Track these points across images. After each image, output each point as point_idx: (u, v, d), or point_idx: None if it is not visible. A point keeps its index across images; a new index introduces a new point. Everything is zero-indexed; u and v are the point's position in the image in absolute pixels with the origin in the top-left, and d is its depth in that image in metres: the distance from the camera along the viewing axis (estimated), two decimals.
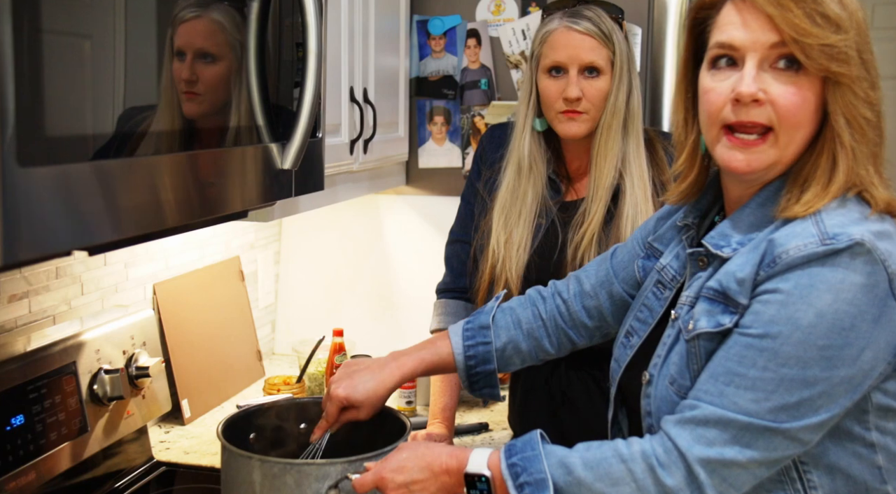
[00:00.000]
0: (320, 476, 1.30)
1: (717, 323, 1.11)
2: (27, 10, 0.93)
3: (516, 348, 1.49)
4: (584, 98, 1.71)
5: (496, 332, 1.49)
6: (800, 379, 1.04)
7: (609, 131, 1.73)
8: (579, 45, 1.71)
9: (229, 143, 1.35)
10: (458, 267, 1.92)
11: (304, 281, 2.57)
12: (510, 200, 1.78)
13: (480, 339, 1.48)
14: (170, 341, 1.97)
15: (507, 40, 2.40)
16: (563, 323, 1.49)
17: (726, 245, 1.15)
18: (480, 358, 1.48)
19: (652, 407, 1.20)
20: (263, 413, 1.55)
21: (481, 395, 1.51)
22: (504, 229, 1.77)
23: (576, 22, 1.71)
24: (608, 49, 1.71)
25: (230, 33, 1.34)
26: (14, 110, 0.92)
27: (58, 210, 1.00)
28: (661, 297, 1.28)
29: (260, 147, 1.42)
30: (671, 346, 1.19)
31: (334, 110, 1.91)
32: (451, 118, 2.45)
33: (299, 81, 1.44)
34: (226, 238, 2.28)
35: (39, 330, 1.64)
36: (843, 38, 1.06)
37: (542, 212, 1.78)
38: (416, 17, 2.43)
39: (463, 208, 1.94)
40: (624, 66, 1.73)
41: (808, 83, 1.08)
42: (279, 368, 2.40)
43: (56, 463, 1.52)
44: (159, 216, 1.19)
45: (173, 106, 1.22)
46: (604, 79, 1.72)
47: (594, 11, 1.72)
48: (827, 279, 1.03)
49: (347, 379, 1.46)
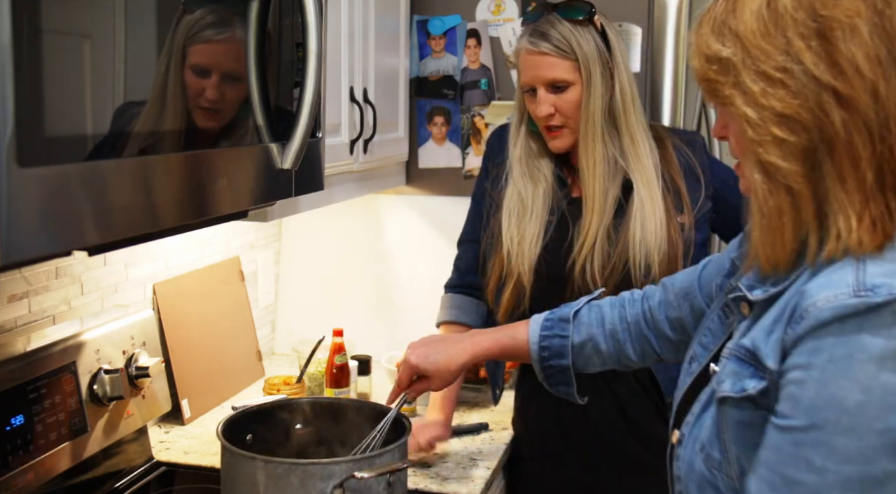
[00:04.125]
0: (325, 476, 1.30)
1: (742, 387, 0.97)
2: (27, 10, 0.93)
3: (596, 348, 1.41)
4: (557, 113, 1.72)
5: (576, 327, 1.42)
6: (868, 477, 0.87)
7: (586, 139, 1.72)
8: (540, 64, 1.72)
9: (229, 143, 1.35)
10: (466, 265, 1.93)
11: (304, 281, 2.57)
12: (519, 198, 1.78)
13: (558, 331, 1.42)
14: (170, 341, 1.97)
15: (507, 40, 2.40)
16: (646, 331, 1.39)
17: (759, 287, 1.00)
18: (555, 351, 1.42)
19: (681, 473, 1.07)
20: (262, 414, 1.55)
21: (558, 392, 1.46)
22: (516, 226, 1.77)
23: (535, 43, 1.71)
24: (570, 60, 1.70)
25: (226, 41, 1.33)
26: (14, 110, 0.92)
27: (58, 210, 1.00)
28: (724, 323, 1.13)
29: (260, 147, 1.42)
30: (706, 405, 1.05)
31: (334, 110, 1.91)
32: (451, 118, 2.45)
33: (299, 81, 1.43)
34: (226, 238, 2.28)
35: (39, 330, 1.64)
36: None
37: (553, 208, 1.78)
38: (416, 17, 2.42)
39: (472, 209, 1.95)
40: (594, 69, 1.70)
41: None
42: (279, 368, 2.40)
43: (56, 463, 1.52)
44: (159, 216, 1.19)
45: (173, 106, 1.22)
46: (573, 90, 1.71)
47: (554, 26, 1.71)
48: (866, 346, 0.86)
49: (422, 347, 1.47)
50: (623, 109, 1.73)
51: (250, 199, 1.43)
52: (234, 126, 1.36)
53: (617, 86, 1.72)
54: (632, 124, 1.73)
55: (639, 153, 1.73)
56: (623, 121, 1.73)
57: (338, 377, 2.06)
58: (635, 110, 1.75)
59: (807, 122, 0.91)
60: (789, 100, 0.91)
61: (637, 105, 1.75)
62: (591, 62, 1.70)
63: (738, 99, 0.95)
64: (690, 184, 1.77)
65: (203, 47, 1.25)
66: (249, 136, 1.39)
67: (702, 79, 1.00)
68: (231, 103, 1.35)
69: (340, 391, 2.05)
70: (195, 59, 1.24)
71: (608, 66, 1.72)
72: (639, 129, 1.74)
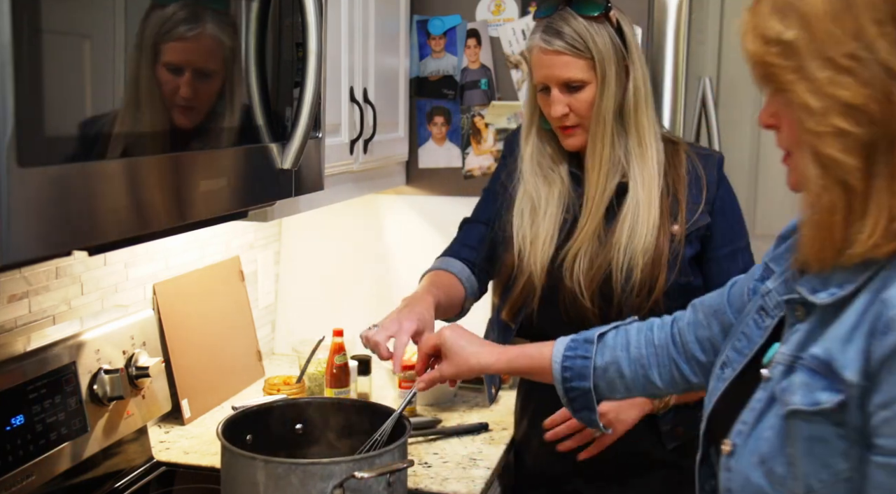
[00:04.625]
0: (325, 476, 1.30)
1: (815, 401, 0.90)
2: (27, 10, 0.93)
3: (619, 372, 1.35)
4: (572, 112, 1.67)
5: (600, 349, 1.36)
6: None
7: (595, 139, 1.67)
8: (554, 64, 1.65)
9: (229, 143, 1.35)
10: (464, 239, 1.88)
11: (304, 281, 2.57)
12: (529, 198, 1.74)
13: (581, 352, 1.36)
14: (170, 341, 1.97)
15: (507, 40, 2.40)
16: (675, 354, 1.33)
17: (823, 289, 0.93)
18: (577, 373, 1.36)
19: (733, 485, 1.01)
20: (262, 414, 1.55)
21: (581, 419, 1.40)
22: (528, 226, 1.72)
23: (548, 41, 1.65)
24: (585, 59, 1.64)
25: (226, 41, 1.33)
26: (14, 110, 0.92)
27: (58, 210, 1.00)
28: (761, 326, 1.09)
29: (260, 147, 1.42)
30: (761, 414, 0.99)
31: (334, 110, 1.91)
32: (451, 118, 2.45)
33: (299, 81, 1.43)
34: (226, 238, 2.28)
35: (39, 330, 1.64)
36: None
37: (569, 207, 1.73)
38: (416, 17, 2.42)
39: (484, 194, 1.91)
40: (609, 68, 1.64)
41: None
42: (279, 368, 2.40)
43: (56, 463, 1.52)
44: (159, 216, 1.19)
45: (173, 106, 1.22)
46: (588, 89, 1.66)
47: (568, 22, 1.64)
48: None
49: (459, 330, 1.47)
50: (634, 108, 1.67)
51: (250, 199, 1.43)
52: (235, 126, 1.36)
53: (631, 85, 1.67)
54: (642, 124, 1.68)
55: (644, 154, 1.68)
56: (633, 120, 1.68)
57: (338, 377, 2.06)
58: (647, 109, 1.69)
59: (874, 114, 0.85)
60: (858, 89, 0.85)
61: (650, 103, 1.70)
62: (606, 60, 1.64)
63: (800, 86, 0.88)
64: (692, 194, 1.70)
65: (181, 45, 1.23)
66: (249, 136, 1.39)
67: (757, 62, 0.93)
68: (231, 104, 1.35)
69: (340, 391, 2.05)
70: (175, 57, 1.23)
71: (623, 63, 1.66)
72: (648, 129, 1.69)
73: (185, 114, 1.25)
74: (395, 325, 1.57)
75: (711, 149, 1.77)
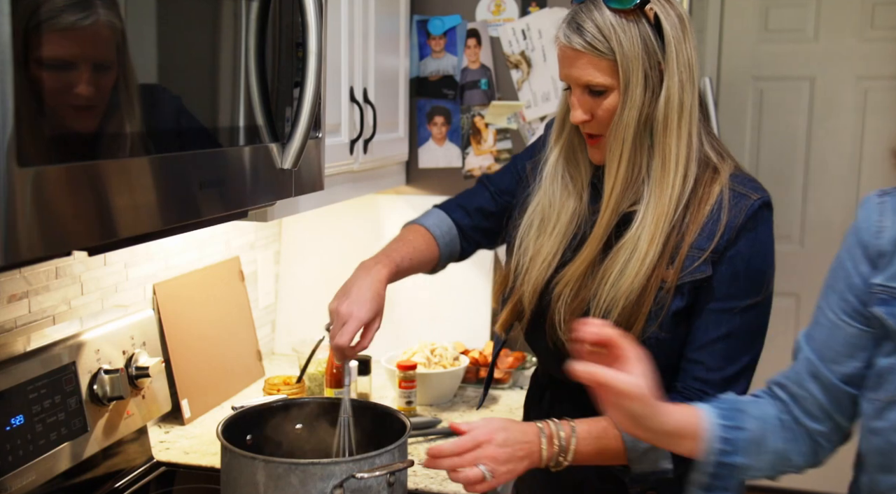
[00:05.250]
0: (325, 476, 1.30)
1: None
2: (27, 9, 0.93)
3: (762, 445, 1.24)
4: (594, 120, 1.44)
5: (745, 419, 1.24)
6: None
7: (613, 155, 1.43)
8: (574, 63, 1.42)
9: (229, 143, 1.35)
10: (469, 200, 1.73)
11: (304, 281, 2.57)
12: (542, 208, 1.55)
13: (738, 422, 1.23)
14: (170, 341, 1.97)
15: (507, 40, 2.40)
16: (799, 430, 1.24)
17: None
18: (738, 446, 1.23)
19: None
20: (261, 414, 1.55)
21: None
22: (533, 239, 1.54)
23: (568, 36, 1.41)
24: (608, 60, 1.39)
25: (226, 41, 1.33)
26: (14, 110, 0.92)
27: (58, 210, 1.00)
28: None
29: (260, 147, 1.42)
30: None
31: (334, 110, 1.91)
32: (451, 118, 2.45)
33: (299, 81, 1.44)
34: (226, 238, 2.28)
35: (39, 330, 1.64)
36: None
37: (581, 224, 1.52)
38: (416, 17, 2.43)
39: (510, 166, 1.73)
40: (635, 72, 1.38)
41: None
42: (279, 368, 2.40)
43: (56, 463, 1.52)
44: (159, 216, 1.19)
45: (173, 105, 1.22)
46: (613, 96, 1.41)
47: (592, 15, 1.39)
48: None
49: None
50: (664, 123, 1.40)
51: (250, 199, 1.43)
52: (235, 126, 1.36)
53: (663, 95, 1.40)
54: (668, 144, 1.41)
55: (664, 181, 1.42)
56: (661, 137, 1.41)
57: (338, 377, 2.06)
58: (680, 127, 1.41)
59: None
60: None
61: (686, 120, 1.41)
62: (631, 63, 1.38)
63: None
64: (700, 238, 1.42)
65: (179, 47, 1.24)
66: (249, 136, 1.39)
67: None
68: (230, 103, 1.35)
69: (340, 391, 2.05)
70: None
71: (658, 68, 1.39)
72: (676, 152, 1.41)
73: (185, 113, 1.25)
74: (351, 320, 1.47)
75: (759, 186, 1.46)
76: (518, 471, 1.37)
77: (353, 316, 1.47)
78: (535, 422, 1.41)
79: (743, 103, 3.86)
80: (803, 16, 3.73)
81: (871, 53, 3.67)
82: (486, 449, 1.33)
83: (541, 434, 1.39)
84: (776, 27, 3.77)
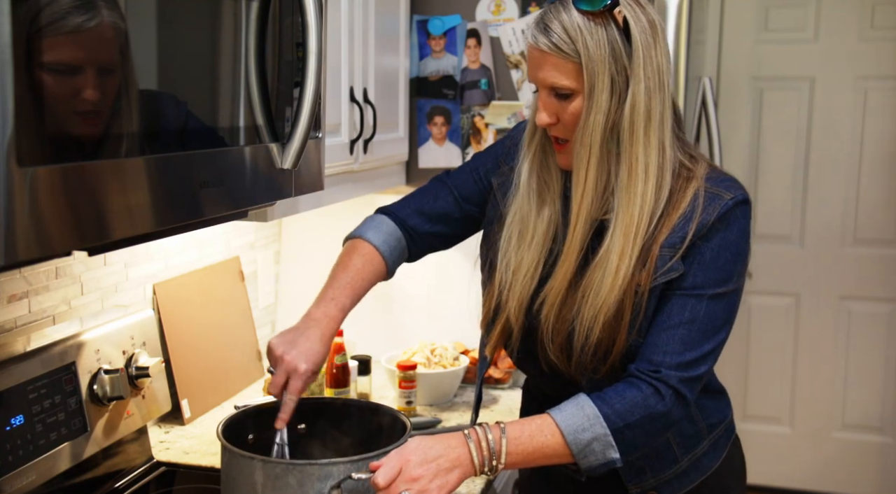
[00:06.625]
0: (323, 476, 1.30)
1: None
2: (27, 10, 0.93)
3: None
4: (560, 123, 1.41)
5: None
6: None
7: (579, 163, 1.40)
8: (540, 64, 1.39)
9: (229, 143, 1.35)
10: (426, 204, 1.65)
11: (304, 281, 2.57)
12: (520, 218, 1.51)
13: None
14: (170, 341, 1.97)
15: (507, 40, 2.40)
16: None
17: None
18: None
19: None
20: (262, 414, 1.55)
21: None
22: (514, 252, 1.50)
23: (535, 37, 1.38)
24: (573, 62, 1.36)
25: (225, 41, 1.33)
26: (14, 110, 0.92)
27: (58, 210, 1.00)
28: None
29: (260, 147, 1.42)
30: None
31: (334, 110, 1.91)
32: (451, 118, 2.45)
33: (299, 81, 1.44)
34: (226, 238, 2.28)
35: (39, 330, 1.64)
36: None
37: (555, 236, 1.48)
38: (416, 17, 2.43)
39: (471, 165, 1.66)
40: (599, 76, 1.35)
41: None
42: None
43: (56, 463, 1.52)
44: (159, 216, 1.19)
45: (173, 106, 1.22)
46: (578, 99, 1.38)
47: (560, 16, 1.37)
48: None
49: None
50: (629, 130, 1.37)
51: (250, 199, 1.43)
52: (235, 126, 1.36)
53: (629, 101, 1.36)
54: (634, 152, 1.38)
55: (631, 190, 1.38)
56: (627, 145, 1.38)
57: (338, 377, 2.06)
58: (648, 133, 1.37)
59: None
60: None
61: (655, 127, 1.38)
62: (597, 67, 1.35)
63: None
64: (672, 238, 1.40)
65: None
66: (249, 136, 1.39)
67: None
68: (231, 103, 1.35)
69: (340, 391, 2.05)
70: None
71: (625, 73, 1.36)
72: (643, 159, 1.38)
73: (185, 113, 1.25)
74: (293, 369, 1.45)
75: (734, 184, 1.44)
76: (452, 483, 1.33)
77: (297, 373, 1.44)
78: (462, 430, 1.37)
79: (743, 103, 3.86)
80: (803, 16, 3.73)
81: (871, 53, 3.67)
82: (404, 474, 1.30)
83: (468, 441, 1.35)
84: (776, 27, 3.77)
